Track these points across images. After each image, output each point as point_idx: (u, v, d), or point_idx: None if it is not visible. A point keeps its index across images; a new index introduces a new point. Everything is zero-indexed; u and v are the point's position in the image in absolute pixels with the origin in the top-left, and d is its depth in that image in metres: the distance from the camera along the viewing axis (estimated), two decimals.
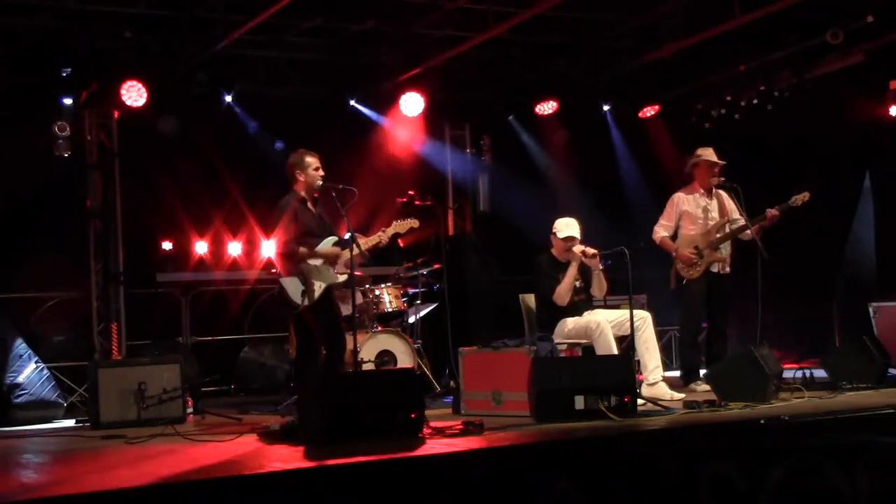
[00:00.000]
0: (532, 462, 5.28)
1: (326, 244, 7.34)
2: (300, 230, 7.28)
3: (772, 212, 8.06)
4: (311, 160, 7.45)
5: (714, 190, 8.39)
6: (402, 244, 9.91)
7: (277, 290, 7.40)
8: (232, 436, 6.37)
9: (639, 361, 7.49)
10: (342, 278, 7.34)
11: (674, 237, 8.42)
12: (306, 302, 7.22)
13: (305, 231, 7.31)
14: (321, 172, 7.44)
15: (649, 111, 11.87)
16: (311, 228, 7.35)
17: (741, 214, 8.16)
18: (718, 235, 8.26)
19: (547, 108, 11.41)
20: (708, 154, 8.38)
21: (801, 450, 5.46)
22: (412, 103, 10.84)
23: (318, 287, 7.20)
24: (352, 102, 10.98)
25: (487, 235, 11.58)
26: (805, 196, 8.05)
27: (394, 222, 7.71)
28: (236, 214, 10.37)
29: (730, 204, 8.38)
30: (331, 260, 7.30)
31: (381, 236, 7.59)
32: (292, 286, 7.25)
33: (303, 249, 7.22)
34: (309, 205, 7.43)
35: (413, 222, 7.78)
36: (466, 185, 12.00)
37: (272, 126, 10.47)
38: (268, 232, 7.49)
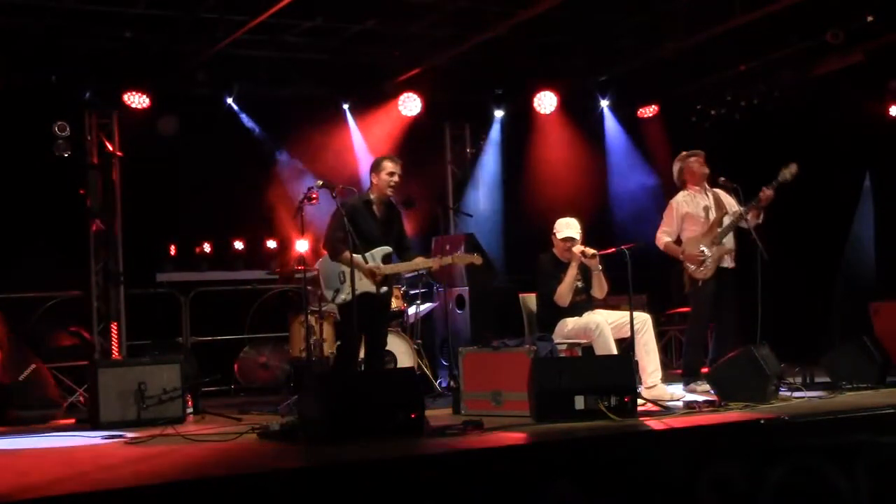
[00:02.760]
0: (532, 462, 5.28)
1: (377, 254, 7.37)
2: (355, 232, 7.20)
3: (766, 192, 8.04)
4: (387, 164, 7.43)
5: (709, 188, 8.40)
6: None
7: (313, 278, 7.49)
8: (232, 436, 6.37)
9: (638, 364, 7.48)
10: (383, 290, 7.42)
11: (678, 242, 8.41)
12: (338, 301, 7.33)
13: (359, 235, 7.22)
14: (394, 180, 7.41)
15: (648, 111, 11.87)
16: (366, 234, 7.33)
17: (740, 207, 8.16)
18: (719, 230, 8.26)
19: (548, 106, 11.40)
20: (694, 155, 8.39)
21: (801, 450, 5.46)
22: (410, 104, 10.90)
23: (351, 290, 7.20)
24: (345, 107, 11.00)
25: (487, 235, 11.58)
26: (793, 168, 8.02)
27: (458, 253, 7.71)
28: (237, 214, 10.37)
29: (727, 199, 8.38)
30: (364, 273, 7.28)
31: (436, 263, 7.55)
32: (328, 281, 7.36)
33: (347, 254, 7.19)
34: (374, 209, 7.40)
35: (476, 259, 7.68)
36: (466, 184, 12.01)
37: (272, 126, 10.48)
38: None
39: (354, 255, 7.19)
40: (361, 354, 7.68)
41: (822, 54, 10.37)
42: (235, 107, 10.45)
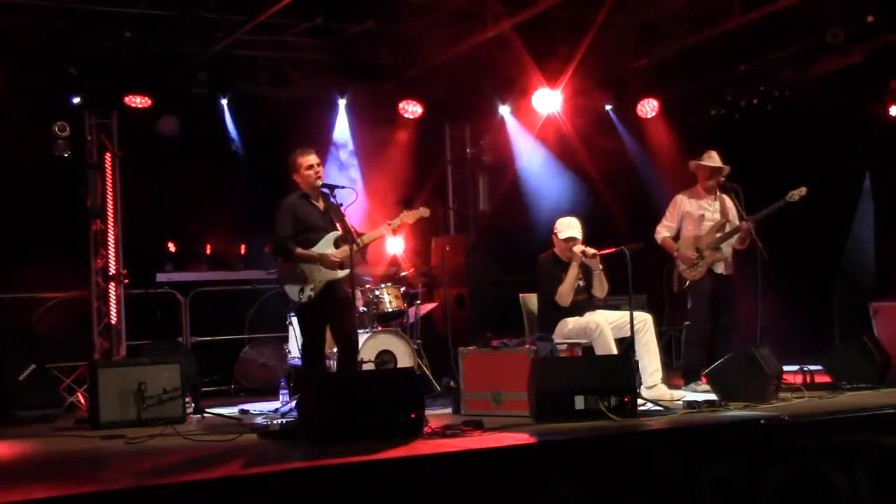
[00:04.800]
0: (532, 462, 5.28)
1: (327, 240, 7.29)
2: (301, 227, 7.23)
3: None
4: (303, 160, 7.32)
5: (717, 192, 8.40)
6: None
7: (278, 288, 7.38)
8: (232, 436, 6.37)
9: (638, 363, 7.47)
10: (343, 274, 7.22)
11: (676, 238, 8.42)
12: (304, 299, 7.19)
13: (307, 227, 7.24)
14: (315, 171, 7.32)
15: (649, 111, 11.85)
16: (313, 224, 7.28)
17: (741, 214, 8.15)
18: (718, 235, 8.26)
19: (546, 106, 11.38)
20: (711, 159, 8.36)
21: (801, 450, 5.46)
22: (412, 109, 10.97)
23: (318, 284, 7.16)
24: (342, 103, 11.00)
25: (487, 235, 11.58)
26: (802, 191, 8.04)
27: (403, 212, 7.54)
28: (237, 214, 10.37)
29: (731, 206, 8.38)
30: (326, 264, 7.23)
31: (386, 228, 7.45)
32: (289, 281, 7.24)
33: (299, 250, 7.17)
34: (313, 201, 7.37)
35: (423, 211, 7.56)
36: (467, 184, 12.01)
37: (272, 126, 10.47)
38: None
39: (304, 250, 7.15)
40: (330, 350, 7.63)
41: (822, 54, 10.37)
42: (228, 119, 10.46)
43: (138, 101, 9.85)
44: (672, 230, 8.42)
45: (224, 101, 10.40)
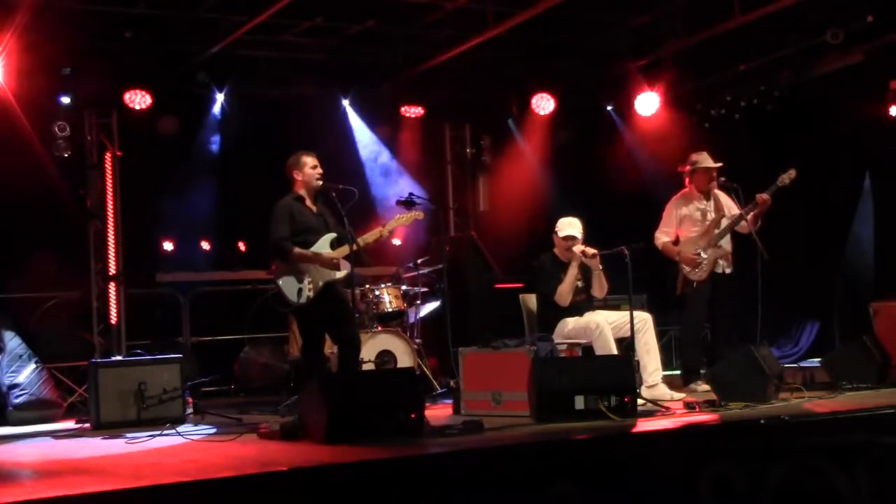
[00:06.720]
0: (532, 462, 5.28)
1: (324, 242, 7.30)
2: (298, 228, 7.25)
3: (762, 196, 8.05)
4: (308, 159, 7.42)
5: (710, 191, 8.40)
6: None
7: (275, 289, 7.37)
8: (232, 436, 6.37)
9: (638, 363, 7.47)
10: (341, 274, 7.26)
11: (675, 243, 8.42)
12: (303, 300, 7.20)
13: (304, 229, 7.26)
14: (319, 171, 7.39)
15: (649, 110, 11.85)
16: (310, 226, 7.31)
17: (739, 209, 8.16)
18: (717, 231, 8.26)
19: (546, 107, 11.39)
20: (704, 159, 8.36)
21: (801, 450, 5.45)
22: (413, 111, 11.00)
23: (316, 285, 7.17)
24: (345, 103, 10.98)
25: (487, 235, 11.57)
26: (792, 174, 8.04)
27: (397, 216, 7.65)
28: (237, 213, 10.37)
29: (726, 201, 8.39)
30: (324, 264, 7.24)
31: (382, 231, 7.51)
32: (288, 285, 7.22)
33: (297, 250, 7.18)
34: (308, 203, 7.39)
35: (418, 214, 7.69)
36: (466, 184, 12.01)
37: (271, 125, 10.48)
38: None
39: (302, 250, 7.17)
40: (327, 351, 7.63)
41: (822, 54, 10.37)
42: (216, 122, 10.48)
43: (138, 101, 9.85)
44: (670, 235, 8.42)
45: (217, 106, 10.39)
